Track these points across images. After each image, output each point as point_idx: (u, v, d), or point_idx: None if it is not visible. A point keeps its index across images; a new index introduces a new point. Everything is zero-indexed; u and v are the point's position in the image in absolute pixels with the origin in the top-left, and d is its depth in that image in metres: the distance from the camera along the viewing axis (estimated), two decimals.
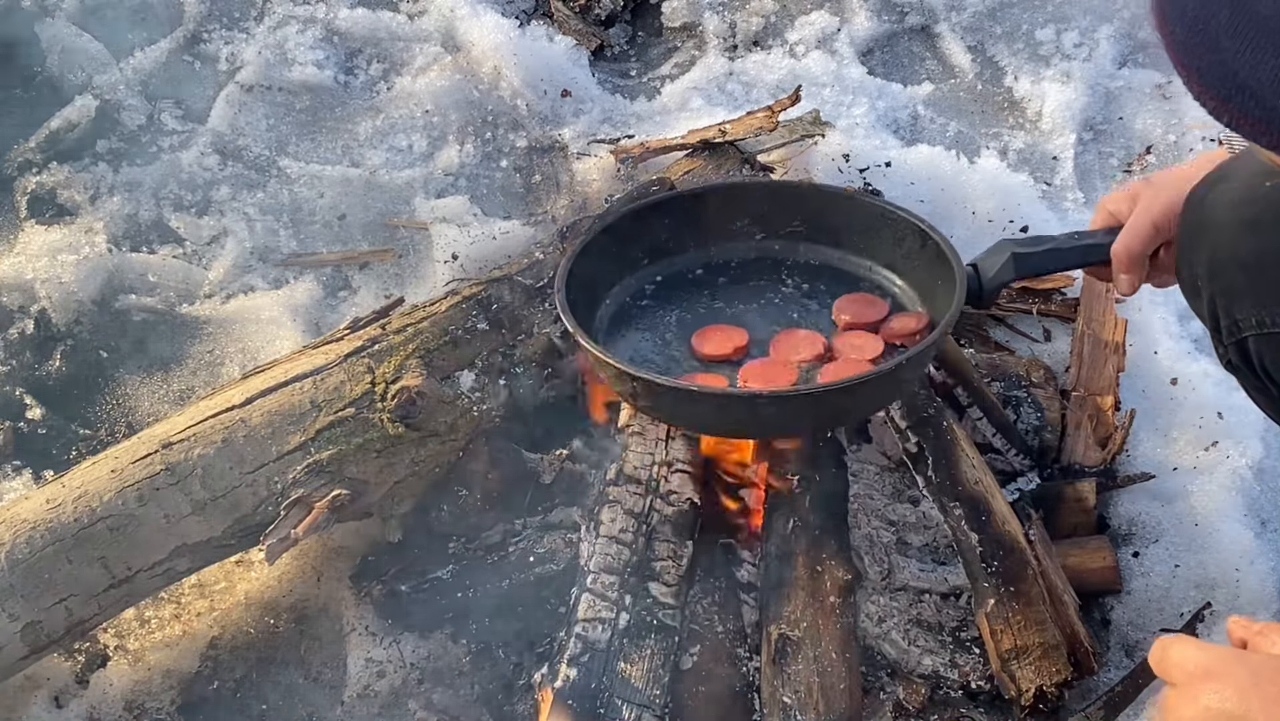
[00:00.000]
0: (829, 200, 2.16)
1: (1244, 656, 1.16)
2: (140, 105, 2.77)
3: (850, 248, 2.15)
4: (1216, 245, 1.57)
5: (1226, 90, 1.10)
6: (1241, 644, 1.20)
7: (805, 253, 2.18)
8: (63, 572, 1.86)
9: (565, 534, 2.05)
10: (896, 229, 2.08)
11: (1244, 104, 1.10)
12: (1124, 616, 2.07)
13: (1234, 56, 1.08)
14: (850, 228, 2.14)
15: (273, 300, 2.44)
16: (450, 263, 2.39)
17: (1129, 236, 1.75)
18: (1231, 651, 1.17)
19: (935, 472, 2.02)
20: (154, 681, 2.01)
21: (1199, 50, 1.11)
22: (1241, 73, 1.08)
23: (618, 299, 2.12)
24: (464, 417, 2.04)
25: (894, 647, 1.99)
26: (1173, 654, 1.17)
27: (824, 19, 2.89)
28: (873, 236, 2.12)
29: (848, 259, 2.16)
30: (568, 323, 1.90)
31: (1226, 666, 1.14)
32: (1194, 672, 1.15)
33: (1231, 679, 1.12)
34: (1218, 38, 1.09)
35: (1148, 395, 2.28)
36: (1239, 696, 1.11)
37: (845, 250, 2.16)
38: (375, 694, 1.99)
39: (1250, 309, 1.56)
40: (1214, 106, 1.12)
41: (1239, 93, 1.09)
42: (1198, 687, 1.14)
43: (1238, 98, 1.10)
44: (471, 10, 2.84)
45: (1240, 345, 1.60)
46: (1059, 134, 2.72)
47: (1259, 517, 2.15)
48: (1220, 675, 1.13)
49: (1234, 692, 1.11)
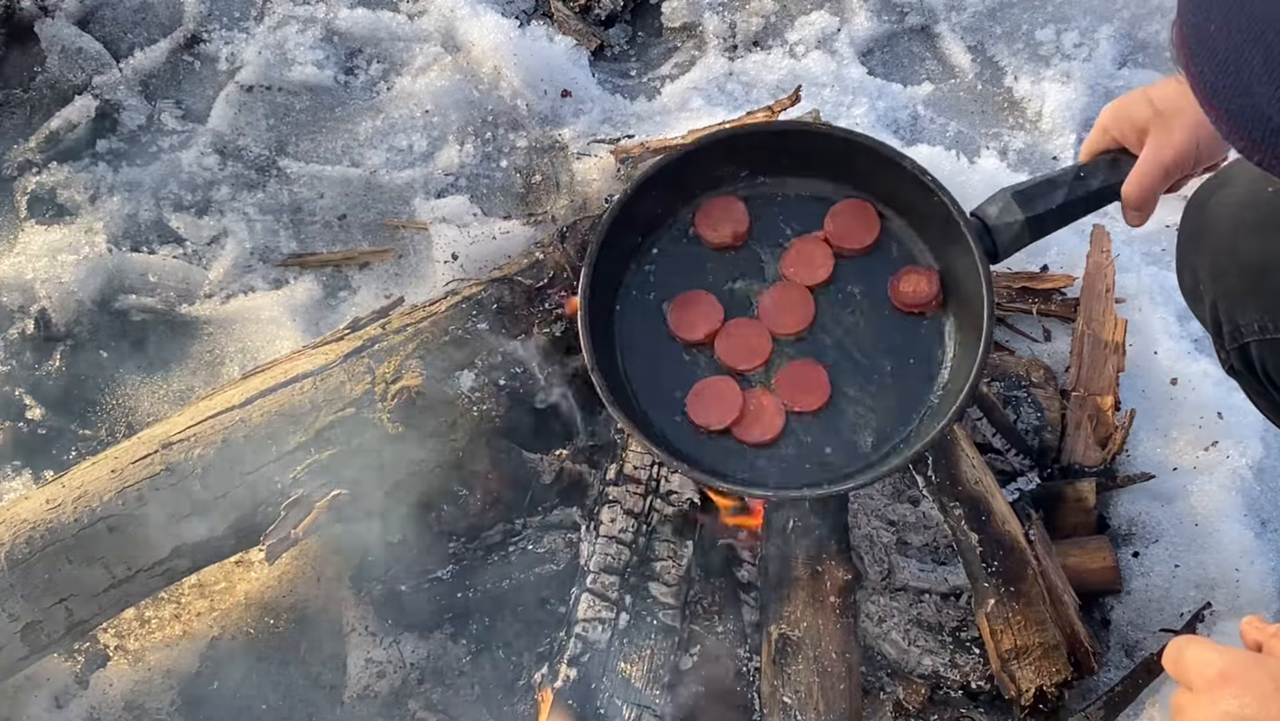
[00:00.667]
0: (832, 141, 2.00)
1: (1264, 661, 1.14)
2: (140, 105, 2.77)
3: (847, 182, 2.00)
4: (1218, 250, 1.57)
5: (1260, 133, 1.09)
6: (1256, 646, 1.18)
7: (795, 187, 2.02)
8: (63, 572, 1.86)
9: (565, 534, 2.05)
10: (900, 174, 1.93)
11: (1277, 145, 1.08)
12: (1124, 616, 2.07)
13: (1266, 101, 1.06)
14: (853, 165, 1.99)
15: (273, 300, 2.44)
16: (450, 263, 2.39)
17: (1141, 180, 1.67)
18: (1250, 655, 1.15)
19: (935, 472, 2.02)
20: (154, 681, 2.02)
21: (1230, 93, 1.09)
22: (1275, 117, 1.06)
23: (625, 297, 2.00)
24: (464, 417, 2.04)
25: (894, 647, 1.99)
26: (1189, 656, 1.16)
27: (824, 19, 2.89)
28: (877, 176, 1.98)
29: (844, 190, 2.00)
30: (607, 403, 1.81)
31: (1247, 671, 1.12)
32: (1212, 677, 1.13)
33: (1252, 684, 1.11)
34: (1250, 82, 1.07)
35: (1148, 395, 2.28)
36: (1260, 702, 1.10)
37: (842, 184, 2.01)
38: (375, 694, 1.99)
39: (1253, 314, 1.55)
40: (1244, 146, 1.11)
41: (1273, 135, 1.08)
42: (1217, 692, 1.12)
43: (1271, 140, 1.08)
44: (471, 10, 2.84)
45: (1242, 350, 1.60)
46: (1059, 134, 2.72)
47: (1259, 517, 2.15)
48: (1240, 680, 1.12)
49: (1255, 699, 1.10)
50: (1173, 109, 1.66)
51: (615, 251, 1.97)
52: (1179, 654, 1.17)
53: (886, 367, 1.91)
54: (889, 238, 1.98)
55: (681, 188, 2.02)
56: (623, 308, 1.99)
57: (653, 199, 1.99)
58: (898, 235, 1.99)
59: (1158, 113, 1.67)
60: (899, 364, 1.91)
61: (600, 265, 1.92)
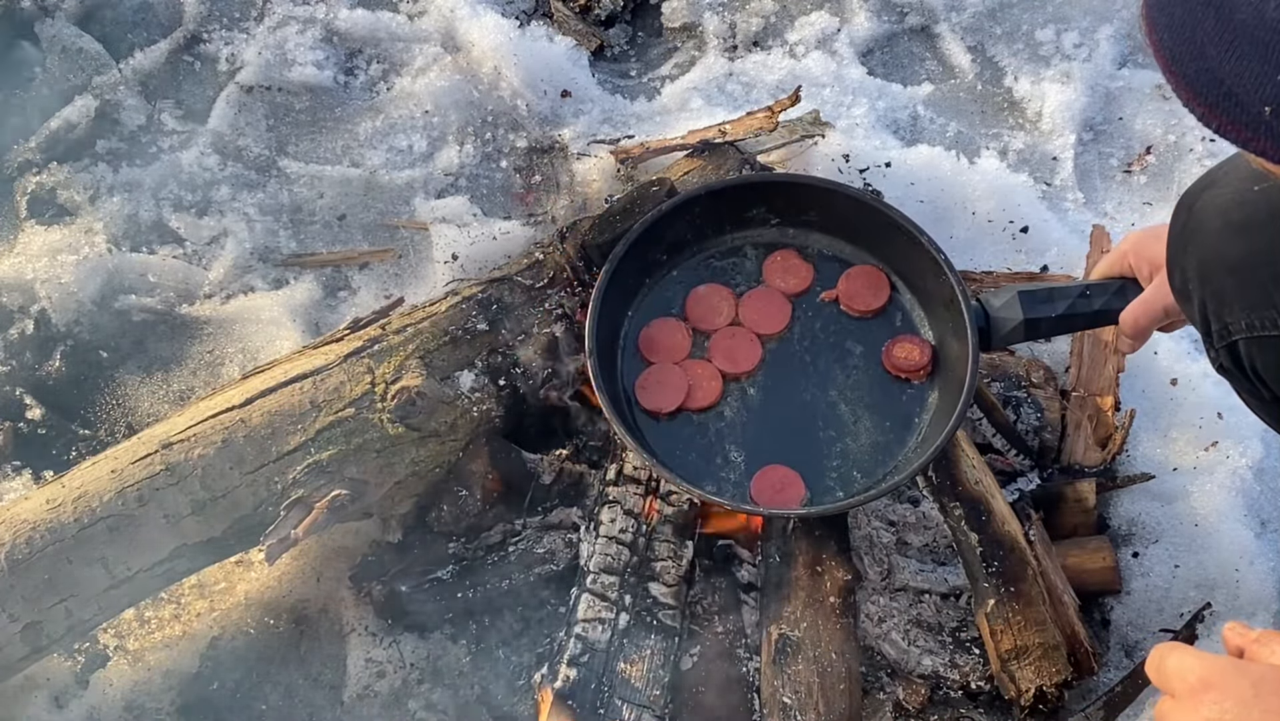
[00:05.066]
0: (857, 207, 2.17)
1: (1244, 666, 1.14)
2: (140, 105, 2.77)
3: (864, 246, 2.17)
4: (1206, 249, 1.57)
5: (1213, 97, 1.11)
6: (1238, 651, 1.18)
7: (819, 242, 2.20)
8: (63, 573, 1.86)
9: (565, 534, 2.05)
10: (914, 248, 2.08)
11: (1230, 110, 1.10)
12: (1124, 616, 2.07)
13: (1219, 64, 1.09)
14: (864, 229, 2.16)
15: (273, 300, 2.44)
16: (450, 263, 2.39)
17: (1140, 313, 1.79)
18: (1231, 661, 1.15)
19: (935, 473, 2.02)
20: (154, 681, 2.01)
21: (1186, 58, 1.12)
22: (1227, 80, 1.09)
23: (643, 300, 2.16)
24: (464, 417, 2.04)
25: (894, 648, 1.99)
26: (1170, 663, 1.16)
27: (824, 19, 2.89)
28: (887, 243, 2.14)
29: (861, 255, 2.18)
30: (603, 404, 1.94)
31: (1227, 677, 1.12)
32: (1193, 683, 1.13)
33: (1232, 690, 1.11)
34: (1203, 45, 1.09)
35: (1148, 395, 2.28)
36: (1240, 708, 1.10)
37: (859, 248, 2.18)
38: (375, 694, 1.99)
39: (1240, 312, 1.56)
40: (1202, 113, 1.13)
41: (1225, 99, 1.10)
42: (1198, 699, 1.12)
43: (1224, 104, 1.10)
44: (471, 10, 2.84)
45: (1231, 348, 1.60)
46: (1059, 134, 2.72)
47: (1259, 517, 2.15)
48: (1220, 686, 1.12)
49: (1235, 704, 1.10)
50: None
51: (636, 265, 2.12)
52: (1160, 661, 1.17)
53: (866, 421, 2.05)
54: (895, 307, 2.14)
55: (714, 218, 2.18)
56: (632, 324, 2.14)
57: (684, 224, 2.16)
58: (904, 306, 2.14)
59: None
60: (877, 420, 2.05)
61: (617, 277, 2.07)
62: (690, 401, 2.06)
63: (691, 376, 2.07)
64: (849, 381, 2.08)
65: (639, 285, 2.16)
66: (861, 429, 2.04)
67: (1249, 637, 1.18)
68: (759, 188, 2.20)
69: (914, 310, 2.13)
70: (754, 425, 2.05)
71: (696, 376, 2.08)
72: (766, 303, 2.14)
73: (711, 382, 2.07)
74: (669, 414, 2.05)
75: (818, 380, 2.09)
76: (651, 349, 2.10)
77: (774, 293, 2.15)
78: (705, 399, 2.06)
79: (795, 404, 2.07)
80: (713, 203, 2.16)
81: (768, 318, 2.13)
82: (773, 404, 2.07)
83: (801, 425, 2.05)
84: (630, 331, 2.13)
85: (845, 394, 2.07)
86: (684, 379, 2.07)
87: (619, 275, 2.07)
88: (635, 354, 2.10)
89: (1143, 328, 1.80)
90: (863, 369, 2.09)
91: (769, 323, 2.13)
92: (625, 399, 2.06)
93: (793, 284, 2.16)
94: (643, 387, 2.07)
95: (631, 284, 2.14)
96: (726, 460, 2.02)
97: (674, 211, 2.13)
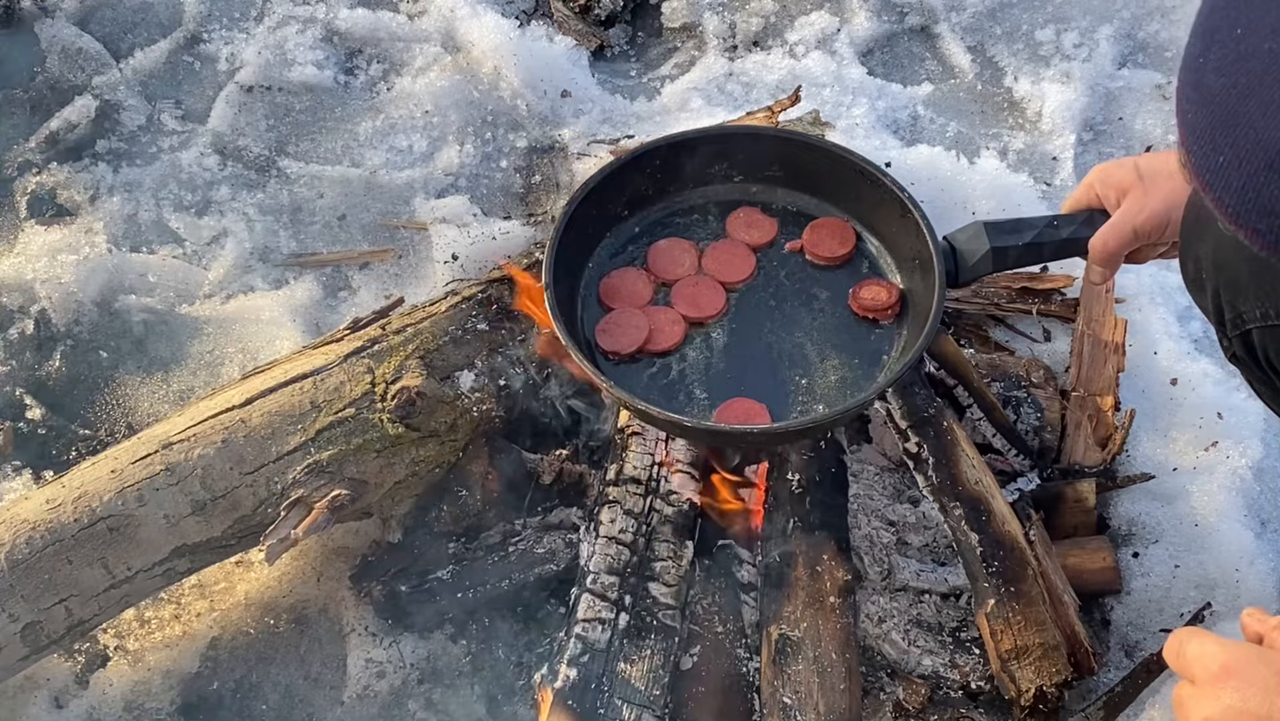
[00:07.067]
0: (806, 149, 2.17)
1: (1266, 654, 1.13)
2: (140, 105, 2.77)
3: (828, 198, 2.17)
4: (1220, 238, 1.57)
5: None
6: (1258, 638, 1.18)
7: (784, 198, 2.19)
8: (63, 573, 1.86)
9: (565, 534, 2.05)
10: (877, 191, 2.08)
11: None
12: (1124, 617, 2.07)
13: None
14: (829, 179, 2.15)
15: (273, 300, 2.44)
16: (450, 263, 2.39)
17: (1108, 236, 1.78)
18: (1254, 648, 1.15)
19: (935, 473, 2.02)
20: (154, 681, 2.01)
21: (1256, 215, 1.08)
22: None
23: (599, 259, 2.14)
24: (464, 417, 2.04)
25: (894, 648, 1.99)
26: (1190, 649, 1.15)
27: (824, 19, 2.89)
28: (852, 192, 2.14)
29: (825, 208, 2.18)
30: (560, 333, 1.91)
31: (1250, 665, 1.12)
32: (1215, 670, 1.13)
33: (1255, 678, 1.11)
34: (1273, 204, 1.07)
35: (1148, 395, 2.28)
36: (1263, 696, 1.09)
37: (822, 199, 2.17)
38: (375, 694, 1.99)
39: (1254, 301, 1.56)
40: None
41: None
42: (1219, 685, 1.12)
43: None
44: (471, 10, 2.84)
45: (1244, 337, 1.60)
46: (1059, 134, 2.72)
47: (1259, 517, 2.15)
48: (1242, 673, 1.11)
49: (1257, 692, 1.10)
50: (1153, 175, 1.75)
51: (594, 217, 2.11)
52: (1181, 647, 1.16)
53: (833, 360, 2.03)
54: (862, 255, 2.13)
55: (674, 174, 2.16)
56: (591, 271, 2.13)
57: (644, 176, 2.14)
58: (870, 254, 2.14)
59: (1140, 178, 1.76)
60: (845, 359, 2.03)
61: (574, 225, 2.04)
62: (651, 343, 2.03)
63: (653, 320, 2.05)
64: (815, 323, 2.06)
65: (599, 237, 2.14)
66: (829, 367, 2.02)
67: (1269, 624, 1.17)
68: (718, 139, 2.20)
69: (881, 257, 2.12)
70: (718, 365, 2.03)
71: (658, 321, 2.05)
72: (730, 253, 2.13)
73: (674, 326, 2.05)
74: (629, 355, 2.02)
75: (783, 323, 2.07)
76: (613, 297, 2.08)
77: (737, 244, 2.14)
78: (667, 341, 2.03)
79: (760, 345, 2.05)
80: (672, 156, 2.15)
81: (731, 267, 2.12)
82: (737, 346, 2.05)
83: (767, 365, 2.03)
84: (590, 281, 2.11)
85: (812, 335, 2.05)
86: (645, 321, 2.04)
87: (577, 221, 2.04)
88: (596, 303, 2.08)
89: (1112, 251, 1.79)
90: (830, 311, 2.07)
91: (732, 271, 2.11)
92: (586, 345, 2.02)
93: (756, 236, 2.15)
94: (603, 331, 2.04)
95: (592, 235, 2.12)
96: (690, 398, 1.99)
97: (633, 162, 2.12)
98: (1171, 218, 1.73)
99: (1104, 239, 1.79)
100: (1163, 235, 1.76)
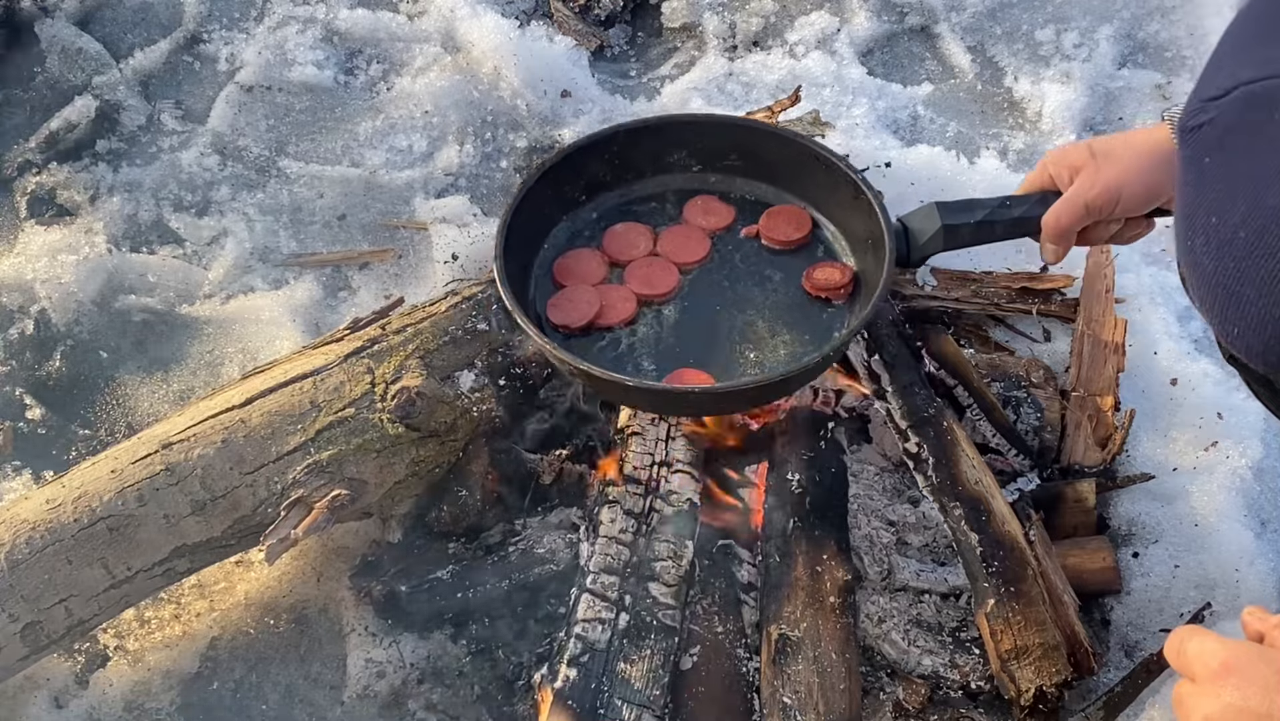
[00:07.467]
0: (763, 136, 2.19)
1: (1267, 653, 1.13)
2: (140, 105, 2.77)
3: (785, 185, 2.19)
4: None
5: None
6: (1258, 636, 1.18)
7: (742, 187, 2.21)
8: (63, 573, 1.86)
9: (565, 534, 2.05)
10: (832, 175, 2.09)
11: None
12: (1124, 617, 2.07)
13: None
14: (786, 166, 2.16)
15: (273, 300, 2.44)
16: (450, 263, 2.39)
17: (1060, 212, 1.79)
18: (1255, 647, 1.14)
19: (935, 472, 2.02)
20: (154, 681, 2.01)
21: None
22: None
23: (555, 241, 2.15)
24: (464, 417, 2.04)
25: (894, 648, 1.99)
26: (1191, 647, 1.15)
27: (824, 19, 2.89)
28: (808, 178, 2.15)
29: (783, 196, 2.19)
30: (506, 298, 1.92)
31: (1251, 663, 1.12)
32: (1215, 669, 1.12)
33: (1256, 676, 1.10)
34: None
35: (1148, 395, 2.28)
36: (1264, 694, 1.09)
37: (780, 188, 2.19)
38: (375, 694, 1.99)
39: None
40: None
41: None
42: (1220, 684, 1.11)
43: None
44: (471, 10, 2.84)
45: None
46: (1059, 134, 2.72)
47: (1259, 517, 2.15)
48: (1243, 671, 1.11)
49: (1258, 691, 1.09)
50: (1106, 154, 1.76)
51: (551, 199, 2.12)
52: (1181, 644, 1.16)
53: (784, 336, 2.04)
54: (817, 240, 2.15)
55: (633, 160, 2.18)
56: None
57: (602, 161, 2.16)
58: (825, 239, 2.15)
59: (1093, 155, 1.77)
60: (796, 335, 2.04)
61: (529, 203, 2.05)
62: (602, 318, 2.04)
63: (605, 297, 2.06)
64: (768, 302, 2.07)
65: (556, 220, 2.15)
66: (779, 342, 2.03)
67: (1270, 623, 1.17)
68: (675, 127, 2.21)
69: (836, 241, 2.14)
70: (668, 340, 2.03)
71: (610, 297, 2.06)
72: (685, 237, 2.15)
73: (625, 303, 2.06)
74: (580, 329, 2.03)
75: (736, 302, 2.08)
76: (566, 275, 2.09)
77: (693, 228, 2.16)
78: (617, 316, 2.04)
79: (711, 322, 2.05)
80: (631, 142, 2.16)
81: (686, 249, 2.13)
82: (688, 322, 2.06)
83: (717, 340, 2.03)
84: (545, 261, 2.12)
85: (764, 312, 2.06)
86: (596, 297, 2.05)
87: (532, 199, 2.05)
88: (549, 282, 2.09)
89: (1064, 227, 1.80)
90: (783, 291, 2.09)
91: (687, 253, 2.12)
92: (537, 320, 2.02)
93: (713, 221, 2.16)
94: (554, 305, 2.05)
95: (548, 216, 2.13)
96: (638, 369, 2.00)
97: (590, 147, 2.14)
98: (1123, 194, 1.74)
99: (1056, 215, 1.79)
100: (1114, 211, 1.76)
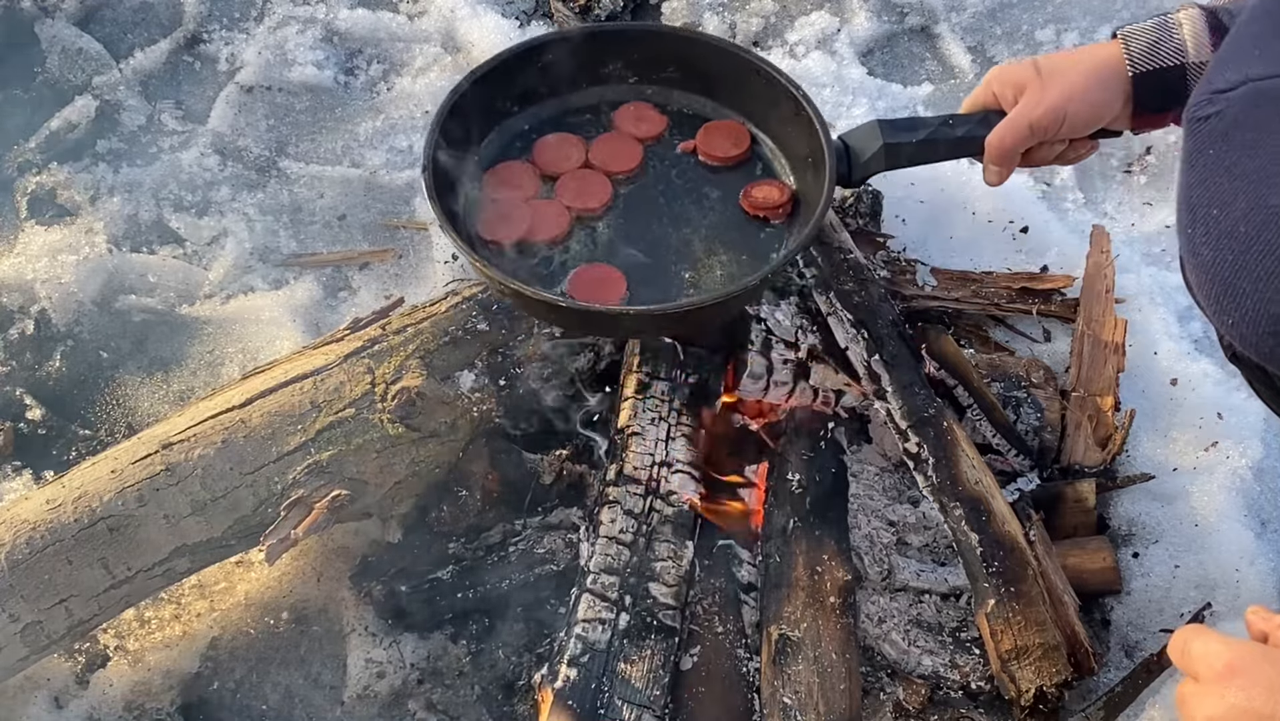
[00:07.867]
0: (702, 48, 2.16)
1: (1271, 653, 1.13)
2: (140, 105, 2.77)
3: (724, 100, 2.16)
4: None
5: None
6: (1262, 636, 1.17)
7: (679, 100, 2.19)
8: (63, 573, 1.86)
9: (565, 534, 2.05)
10: (772, 90, 2.07)
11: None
12: (1124, 617, 2.07)
13: None
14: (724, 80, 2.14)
15: (273, 300, 2.44)
16: (450, 263, 2.39)
17: (1004, 132, 1.78)
18: (1259, 647, 1.14)
19: (935, 472, 2.02)
20: (154, 681, 2.01)
21: None
22: None
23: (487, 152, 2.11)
24: (464, 417, 2.04)
25: (894, 648, 1.99)
26: (1195, 647, 1.15)
27: (824, 19, 2.89)
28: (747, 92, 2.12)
29: (721, 111, 2.16)
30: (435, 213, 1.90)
31: (1255, 663, 1.11)
32: (1219, 669, 1.12)
33: (1260, 676, 1.10)
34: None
35: (1148, 395, 2.28)
36: (1268, 695, 1.09)
37: (719, 102, 2.16)
38: (375, 694, 1.99)
39: None
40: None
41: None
42: (1224, 684, 1.11)
43: None
44: (471, 10, 2.84)
45: None
46: None
47: (1259, 517, 2.15)
48: (1247, 672, 1.11)
49: (1262, 691, 1.09)
50: (1051, 72, 1.74)
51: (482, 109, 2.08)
52: (1185, 644, 1.16)
53: (721, 256, 2.02)
54: (756, 157, 2.13)
55: (567, 70, 2.14)
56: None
57: (536, 70, 2.12)
58: (765, 157, 2.12)
59: (1038, 74, 1.74)
60: (733, 255, 2.02)
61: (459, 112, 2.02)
62: (534, 234, 2.00)
63: (537, 211, 2.03)
64: (705, 220, 2.05)
65: (485, 131, 2.12)
66: (715, 262, 2.01)
67: (1274, 623, 1.16)
68: (609, 35, 2.19)
69: (775, 159, 2.12)
70: (602, 258, 2.01)
71: (543, 211, 2.03)
72: (617, 144, 2.12)
73: (559, 218, 2.03)
74: (513, 245, 2.00)
75: (671, 220, 2.06)
76: (497, 189, 2.06)
77: (624, 135, 2.13)
78: (550, 232, 2.01)
79: (646, 239, 2.03)
80: (564, 50, 2.13)
81: (618, 158, 2.10)
82: (622, 240, 2.03)
83: (652, 258, 2.01)
84: (474, 174, 2.08)
85: (700, 231, 2.04)
86: (528, 212, 2.03)
87: (462, 108, 2.02)
88: (480, 195, 2.06)
89: (1008, 148, 1.78)
90: (720, 210, 2.06)
91: (619, 162, 2.10)
92: (469, 239, 1.99)
93: (644, 129, 2.14)
94: (485, 221, 2.02)
95: (478, 129, 2.09)
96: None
97: (523, 54, 2.10)
98: (1068, 112, 1.72)
99: (1000, 135, 1.78)
100: (1059, 131, 1.75)
